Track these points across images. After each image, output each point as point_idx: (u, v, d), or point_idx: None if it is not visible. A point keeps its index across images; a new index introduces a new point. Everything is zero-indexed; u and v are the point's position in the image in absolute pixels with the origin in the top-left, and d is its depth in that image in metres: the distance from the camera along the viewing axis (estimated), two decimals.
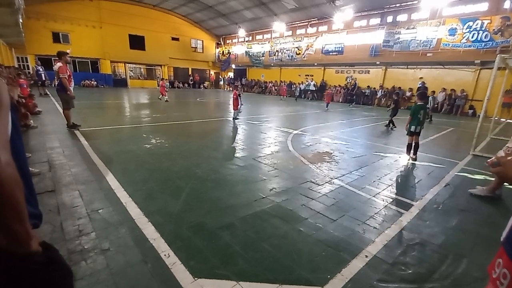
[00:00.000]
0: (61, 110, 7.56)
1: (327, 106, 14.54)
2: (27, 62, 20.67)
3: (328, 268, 2.06)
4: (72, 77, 6.35)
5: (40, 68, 14.82)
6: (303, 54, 22.56)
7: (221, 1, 22.79)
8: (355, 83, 19.47)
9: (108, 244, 2.20)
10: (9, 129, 0.76)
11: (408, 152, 5.26)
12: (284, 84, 23.69)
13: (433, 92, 12.03)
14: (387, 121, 9.30)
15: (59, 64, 5.99)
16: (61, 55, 6.01)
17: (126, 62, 25.72)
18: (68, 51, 6.20)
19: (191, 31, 29.45)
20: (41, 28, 20.30)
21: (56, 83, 6.33)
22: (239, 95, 8.77)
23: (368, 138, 7.36)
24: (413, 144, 5.15)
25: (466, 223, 2.92)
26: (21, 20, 11.73)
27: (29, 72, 18.27)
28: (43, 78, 14.69)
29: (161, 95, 14.14)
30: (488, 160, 1.16)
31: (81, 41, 22.22)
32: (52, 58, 17.92)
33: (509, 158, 0.88)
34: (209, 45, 31.68)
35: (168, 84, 18.32)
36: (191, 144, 5.79)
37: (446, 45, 14.92)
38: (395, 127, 8.93)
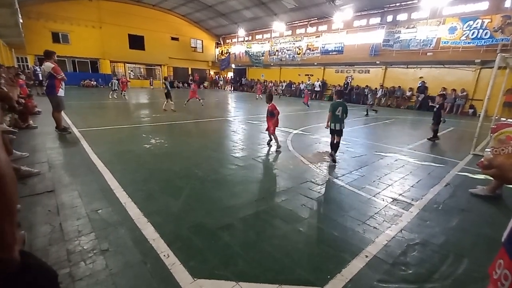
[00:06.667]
0: None
1: None
2: (27, 62, 20.69)
3: (328, 268, 2.05)
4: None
5: (38, 68, 14.84)
6: (304, 54, 22.50)
7: (221, 1, 22.78)
8: (348, 82, 19.36)
9: (108, 244, 2.19)
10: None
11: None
12: (259, 83, 24.28)
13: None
14: (433, 134, 7.05)
15: (49, 64, 5.49)
16: (49, 54, 5.57)
17: (126, 62, 25.76)
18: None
19: (191, 31, 29.45)
20: (40, 28, 20.32)
21: (46, 84, 5.77)
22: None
23: (368, 138, 7.35)
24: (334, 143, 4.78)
25: (467, 223, 2.91)
26: (21, 21, 11.73)
27: (28, 72, 18.28)
28: (40, 78, 14.73)
29: (121, 91, 15.14)
30: (478, 162, 1.13)
31: (81, 41, 22.28)
32: None
33: (500, 159, 0.85)
34: (208, 45, 31.69)
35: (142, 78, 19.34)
36: (191, 144, 5.79)
37: (445, 42, 14.91)
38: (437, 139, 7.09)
